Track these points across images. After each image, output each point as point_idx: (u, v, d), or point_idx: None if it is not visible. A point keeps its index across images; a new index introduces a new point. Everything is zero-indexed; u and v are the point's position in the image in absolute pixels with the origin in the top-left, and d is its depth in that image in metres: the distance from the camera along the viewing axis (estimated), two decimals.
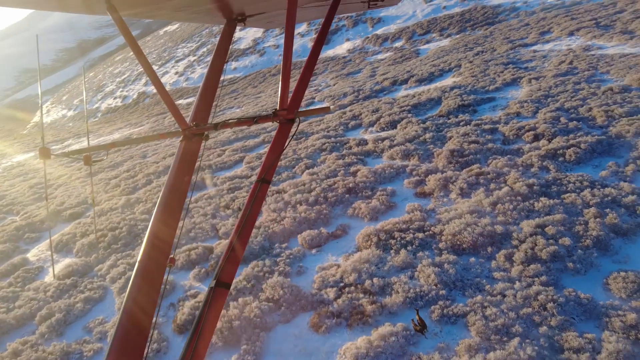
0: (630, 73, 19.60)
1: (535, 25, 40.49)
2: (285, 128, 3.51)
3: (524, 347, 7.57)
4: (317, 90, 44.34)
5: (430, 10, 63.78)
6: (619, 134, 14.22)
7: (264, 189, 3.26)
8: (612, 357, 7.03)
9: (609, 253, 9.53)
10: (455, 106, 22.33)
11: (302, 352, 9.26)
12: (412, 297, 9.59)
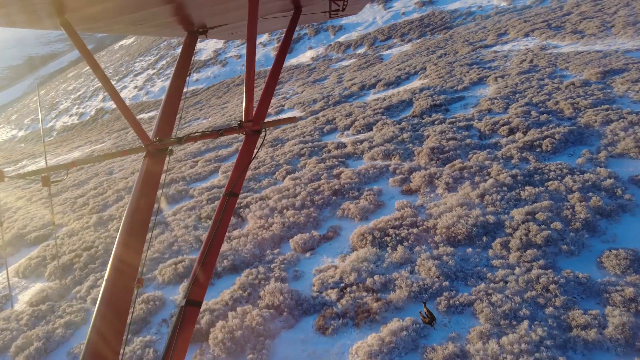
0: (588, 68, 20.83)
1: (492, 28, 42.39)
2: (252, 139, 3.48)
3: (534, 329, 7.75)
4: (285, 98, 44.30)
5: (389, 16, 65.45)
6: (587, 124, 15.02)
7: (232, 202, 3.20)
8: (618, 330, 7.31)
9: (597, 234, 9.98)
10: (427, 106, 22.88)
11: (311, 356, 9.06)
12: (417, 291, 9.62)
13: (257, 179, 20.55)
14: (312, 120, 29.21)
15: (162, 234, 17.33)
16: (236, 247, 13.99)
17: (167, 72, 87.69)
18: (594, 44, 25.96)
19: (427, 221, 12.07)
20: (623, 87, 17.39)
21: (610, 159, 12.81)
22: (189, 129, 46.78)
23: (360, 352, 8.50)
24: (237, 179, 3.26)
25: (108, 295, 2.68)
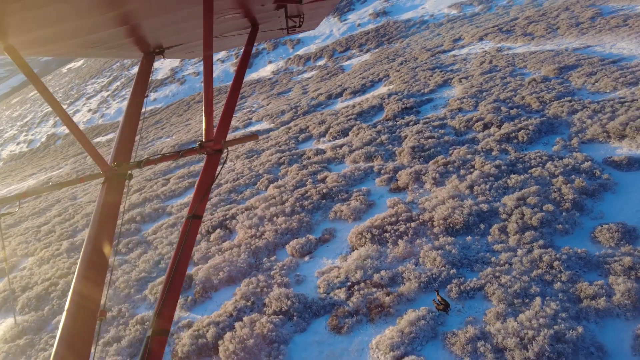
0: (544, 66, 22.24)
1: (447, 35, 44.41)
2: (214, 159, 3.46)
3: (547, 304, 8.07)
4: (252, 111, 44.12)
5: (346, 28, 66.98)
6: (555, 115, 16.00)
7: (196, 225, 3.10)
8: (625, 297, 7.75)
9: (586, 212, 10.59)
10: (399, 110, 23.51)
11: (330, 356, 8.94)
12: (426, 282, 9.77)
13: (238, 191, 20.22)
14: (284, 130, 29.23)
15: (145, 253, 16.63)
16: (229, 258, 13.64)
17: (122, 93, 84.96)
18: (544, 44, 27.80)
19: (423, 215, 12.33)
20: (580, 81, 18.70)
21: (582, 145, 13.69)
22: (153, 148, 45.50)
23: (382, 346, 8.48)
24: (200, 200, 3.19)
25: (68, 333, 2.48)
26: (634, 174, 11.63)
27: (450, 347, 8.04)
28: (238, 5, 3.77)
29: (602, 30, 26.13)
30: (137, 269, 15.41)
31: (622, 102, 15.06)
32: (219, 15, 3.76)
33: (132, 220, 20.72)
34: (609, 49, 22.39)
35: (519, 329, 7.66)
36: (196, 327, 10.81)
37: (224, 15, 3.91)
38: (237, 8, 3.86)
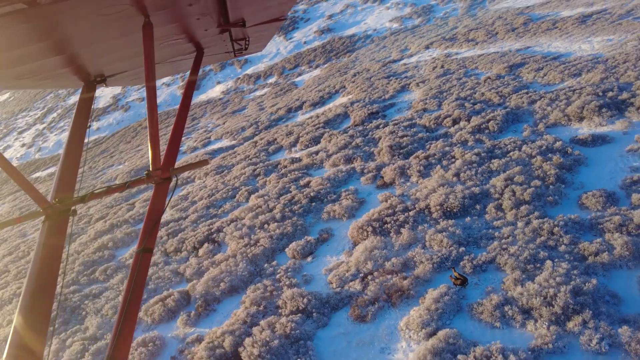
0: (494, 65, 24.10)
1: (392, 46, 46.64)
2: (162, 188, 3.28)
3: (558, 265, 8.71)
4: (208, 131, 43.48)
5: (292, 46, 68.21)
6: (517, 106, 17.38)
7: (147, 259, 2.90)
8: (624, 249, 8.57)
9: (567, 184, 11.59)
10: (365, 115, 24.29)
11: (360, 343, 8.98)
12: (438, 262, 10.15)
13: (216, 205, 19.78)
14: (250, 144, 29.07)
15: (127, 278, 15.69)
16: (227, 269, 13.28)
17: (60, 124, 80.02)
18: (488, 48, 30.12)
19: (418, 204, 12.81)
20: (530, 75, 20.48)
21: (548, 129, 14.98)
22: (105, 176, 43.29)
23: (412, 325, 8.68)
24: (151, 232, 2.99)
25: None
26: (599, 148, 12.91)
27: (479, 317, 8.41)
28: (180, 31, 3.73)
29: (536, 33, 28.84)
30: (123, 294, 14.50)
31: (573, 91, 16.71)
32: (162, 41, 3.70)
33: (103, 247, 19.60)
34: (546, 48, 24.77)
35: (539, 289, 8.20)
36: (209, 339, 10.39)
37: (166, 41, 3.85)
38: (179, 34, 3.80)
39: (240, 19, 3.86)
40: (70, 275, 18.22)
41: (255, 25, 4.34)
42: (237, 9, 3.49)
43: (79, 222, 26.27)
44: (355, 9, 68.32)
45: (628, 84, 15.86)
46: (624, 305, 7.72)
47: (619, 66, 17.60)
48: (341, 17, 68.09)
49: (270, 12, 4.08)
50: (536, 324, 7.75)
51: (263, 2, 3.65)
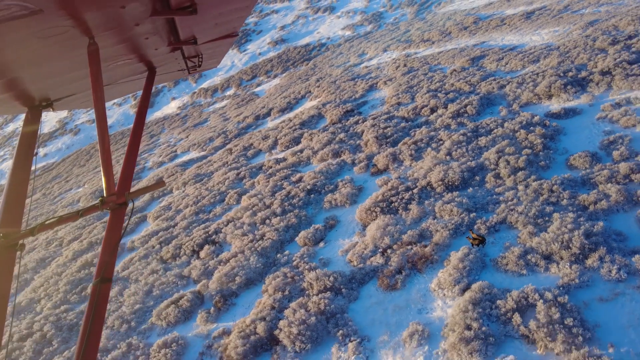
0: (456, 59, 25.72)
1: (349, 52, 48.10)
2: (118, 214, 3.15)
3: (565, 215, 9.64)
4: (171, 146, 42.61)
5: (247, 58, 68.32)
6: (488, 91, 18.75)
7: (106, 290, 2.71)
8: (619, 195, 9.66)
9: (553, 151, 12.75)
10: (341, 114, 24.99)
11: (396, 309, 9.39)
12: (454, 229, 10.82)
13: (205, 210, 19.56)
14: (224, 152, 28.88)
15: (127, 288, 15.21)
16: (239, 264, 13.25)
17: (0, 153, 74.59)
18: (445, 45, 32.02)
19: (419, 182, 13.51)
20: (493, 65, 22.12)
21: (522, 108, 16.34)
22: (65, 201, 41.06)
23: (444, 284, 9.22)
24: (108, 261, 2.82)
25: None
26: (572, 119, 14.31)
27: (504, 268, 9.11)
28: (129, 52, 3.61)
29: (487, 29, 31.11)
30: (126, 303, 14.05)
31: (537, 74, 18.33)
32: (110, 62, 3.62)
33: (87, 264, 18.79)
34: (500, 41, 26.82)
35: (554, 236, 9.04)
36: (240, 329, 10.36)
37: (115, 62, 3.75)
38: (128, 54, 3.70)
39: (191, 36, 3.80)
40: (57, 296, 17.27)
41: (208, 42, 4.29)
42: (187, 27, 3.42)
43: (48, 246, 24.90)
44: (306, 19, 69.77)
45: (582, 65, 17.66)
46: (630, 240, 8.72)
47: (571, 51, 19.53)
48: (294, 28, 69.24)
49: (221, 28, 4.01)
50: (559, 266, 8.55)
51: (213, 20, 3.57)
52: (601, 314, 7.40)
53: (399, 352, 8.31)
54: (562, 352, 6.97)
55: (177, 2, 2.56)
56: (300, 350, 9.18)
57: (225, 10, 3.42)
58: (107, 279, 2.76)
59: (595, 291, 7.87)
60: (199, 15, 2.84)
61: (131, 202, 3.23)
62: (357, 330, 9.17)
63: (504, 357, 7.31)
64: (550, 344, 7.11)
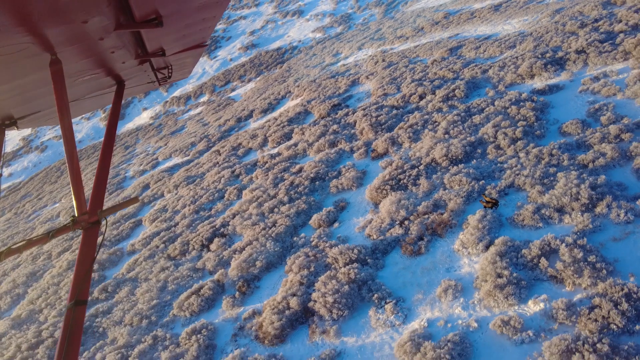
0: (435, 51, 26.83)
1: (322, 53, 48.85)
2: (92, 233, 3.04)
3: (569, 173, 10.50)
4: (150, 154, 42.03)
5: (218, 64, 68.01)
6: (472, 76, 19.77)
7: (81, 313, 2.59)
8: (614, 152, 10.60)
9: (544, 121, 13.71)
10: (329, 108, 25.54)
11: (424, 271, 9.93)
12: (466, 196, 11.50)
13: (205, 208, 19.60)
14: (212, 154, 28.84)
15: (137, 287, 15.12)
16: (255, 250, 13.47)
17: None
18: (420, 40, 33.23)
19: (423, 159, 14.18)
20: (471, 53, 23.28)
21: (507, 88, 17.37)
22: (43, 217, 39.71)
23: (468, 244, 9.85)
24: (83, 282, 2.68)
25: None
26: (556, 94, 15.40)
27: (521, 224, 9.84)
28: (95, 66, 3.54)
29: (459, 23, 32.56)
30: (141, 301, 13.99)
31: (516, 57, 19.52)
32: (75, 77, 3.55)
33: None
34: (474, 32, 28.19)
35: (563, 191, 9.86)
36: (272, 306, 10.62)
37: (81, 77, 3.66)
38: (94, 68, 3.62)
39: (159, 48, 3.75)
40: (61, 304, 16.91)
41: (177, 54, 4.25)
42: (154, 39, 3.38)
43: (35, 260, 24.17)
44: (276, 24, 70.24)
45: (557, 47, 18.96)
46: (630, 189, 9.63)
47: (544, 36, 20.89)
48: (263, 32, 69.52)
49: (189, 39, 3.96)
50: (571, 216, 9.35)
51: (181, 31, 3.52)
52: (617, 251, 8.19)
53: (436, 307, 8.84)
54: (589, 286, 7.69)
55: (142, 15, 2.50)
56: (338, 317, 9.55)
57: (192, 21, 3.34)
58: (82, 302, 2.59)
59: (608, 233, 8.69)
60: (166, 28, 2.81)
61: (104, 219, 3.13)
62: (391, 293, 9.65)
63: (536, 297, 7.97)
64: (577, 280, 7.82)
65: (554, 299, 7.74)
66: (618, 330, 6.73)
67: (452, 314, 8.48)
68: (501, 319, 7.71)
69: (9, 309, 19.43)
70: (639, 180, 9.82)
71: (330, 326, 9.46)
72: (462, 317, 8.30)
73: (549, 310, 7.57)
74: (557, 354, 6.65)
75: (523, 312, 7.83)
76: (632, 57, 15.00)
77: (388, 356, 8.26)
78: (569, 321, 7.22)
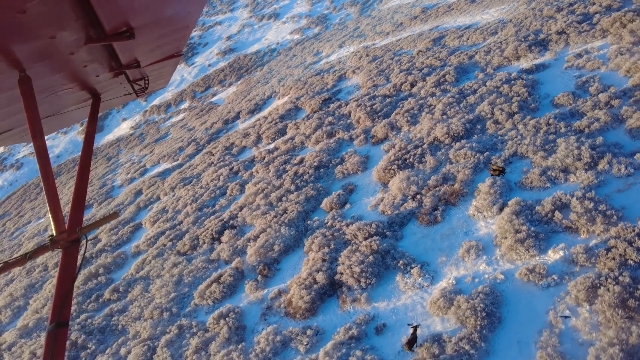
0: (418, 43, 27.70)
1: (302, 53, 49.37)
2: (72, 252, 2.93)
3: (568, 138, 11.25)
4: (136, 162, 41.64)
5: (197, 71, 67.66)
6: (460, 62, 20.61)
7: (62, 336, 2.51)
8: (607, 116, 11.43)
9: (536, 96, 14.54)
10: (320, 102, 26.01)
11: (443, 236, 10.48)
12: (473, 167, 12.14)
13: (208, 205, 19.74)
14: (204, 155, 28.88)
15: (151, 284, 15.18)
16: (270, 236, 13.76)
17: None
18: (401, 34, 34.14)
19: (425, 139, 14.79)
20: (455, 42, 24.20)
21: (496, 70, 18.23)
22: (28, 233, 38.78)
23: (482, 207, 10.44)
24: (64, 303, 2.60)
25: None
26: (543, 72, 16.31)
27: (530, 186, 10.51)
28: (67, 81, 3.48)
29: (437, 16, 33.65)
30: (158, 296, 14.07)
31: (499, 42, 20.47)
32: (48, 93, 3.50)
33: (92, 276, 18.34)
34: (454, 23, 29.23)
35: (565, 154, 10.59)
36: (299, 283, 10.95)
37: (54, 92, 3.61)
38: (67, 83, 3.56)
39: (134, 60, 3.70)
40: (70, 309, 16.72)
41: (152, 64, 4.21)
42: (127, 51, 3.34)
43: (30, 273, 23.71)
44: (252, 28, 70.43)
45: (538, 30, 20.00)
46: (626, 147, 10.44)
47: (523, 22, 21.97)
48: (240, 37, 69.60)
49: (164, 49, 3.93)
50: (576, 175, 10.07)
51: (154, 42, 3.48)
52: (623, 200, 8.92)
53: (461, 266, 9.38)
54: (602, 232, 8.36)
55: (113, 28, 2.46)
56: (367, 286, 9.98)
57: (164, 31, 3.30)
58: (63, 324, 2.50)
59: (612, 186, 9.42)
60: (138, 39, 2.78)
61: (85, 237, 2.97)
62: (415, 259, 10.14)
63: (555, 246, 8.60)
64: (591, 228, 8.49)
65: (572, 246, 8.38)
66: (635, 264, 7.40)
67: (477, 270, 9.03)
68: (526, 267, 8.30)
69: (11, 322, 19.09)
70: (632, 139, 10.65)
71: (360, 294, 9.87)
72: (487, 272, 8.85)
73: (568, 257, 8.20)
74: (584, 290, 7.26)
75: (544, 261, 8.44)
76: (609, 34, 16.05)
77: (422, 314, 8.73)
78: (589, 263, 7.86)
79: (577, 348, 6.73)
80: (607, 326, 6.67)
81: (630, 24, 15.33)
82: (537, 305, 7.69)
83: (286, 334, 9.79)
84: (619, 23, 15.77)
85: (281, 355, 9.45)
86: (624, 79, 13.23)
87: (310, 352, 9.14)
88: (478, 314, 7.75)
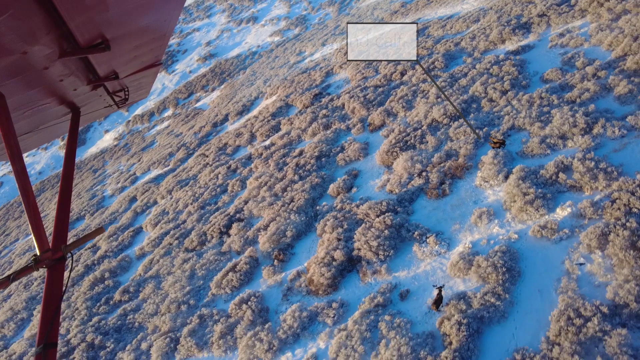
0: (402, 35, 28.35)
1: (285, 54, 49.70)
2: (57, 270, 2.87)
3: (562, 108, 11.91)
4: (125, 172, 41.27)
5: (178, 78, 67.25)
6: (447, 50, 21.29)
7: (52, 357, 2.48)
8: (595, 86, 12.14)
9: (526, 74, 15.24)
10: (311, 97, 26.40)
11: (454, 206, 10.97)
12: (473, 142, 12.69)
13: (210, 202, 19.88)
14: (197, 158, 28.92)
15: (162, 282, 15.29)
16: (282, 223, 14.05)
17: None
18: (382, 29, 34.79)
19: (423, 122, 15.33)
20: (439, 32, 24.94)
21: (483, 54, 18.94)
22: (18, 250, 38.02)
23: (488, 177, 10.98)
24: (51, 323, 2.54)
25: None
26: (529, 52, 17.07)
27: (530, 154, 11.11)
28: (44, 96, 3.41)
29: (418, 9, 34.48)
30: (172, 291, 14.20)
31: (484, 28, 21.24)
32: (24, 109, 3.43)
33: (98, 280, 18.30)
34: (435, 15, 30.06)
35: (561, 122, 11.23)
36: (317, 262, 11.28)
37: (31, 109, 3.53)
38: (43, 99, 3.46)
39: (112, 72, 3.66)
40: (81, 314, 16.64)
41: (131, 75, 4.16)
42: (104, 63, 3.29)
43: (29, 287, 23.41)
44: (231, 32, 70.41)
45: (519, 15, 20.84)
46: (616, 112, 11.14)
47: (504, 8, 22.84)
48: (220, 42, 69.50)
49: (142, 59, 3.88)
50: (574, 140, 10.70)
51: (131, 53, 3.44)
52: (620, 158, 9.56)
53: (475, 231, 9.87)
54: (604, 187, 8.97)
55: (87, 40, 2.42)
56: (385, 258, 10.38)
57: (141, 42, 3.26)
58: (52, 344, 2.46)
59: (608, 147, 10.07)
60: (115, 51, 2.73)
61: (70, 255, 2.94)
62: (429, 229, 10.60)
63: (562, 204, 9.17)
64: (594, 185, 9.10)
65: (578, 202, 8.96)
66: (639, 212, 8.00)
67: (491, 233, 9.54)
68: (538, 225, 8.84)
69: (16, 335, 18.85)
70: (622, 104, 11.36)
71: (380, 266, 10.27)
72: (501, 234, 9.37)
73: (576, 212, 8.78)
74: (595, 238, 7.81)
75: (554, 218, 8.99)
76: (588, 13, 16.92)
77: (443, 277, 9.18)
78: (596, 215, 8.44)
79: (595, 289, 7.27)
80: (621, 266, 7.23)
81: (607, 2, 16.21)
82: (552, 257, 8.22)
83: (312, 309, 10.11)
84: (596, 2, 16.65)
85: (309, 330, 9.76)
86: (607, 52, 14.02)
87: (338, 323, 9.48)
88: (499, 269, 8.23)
